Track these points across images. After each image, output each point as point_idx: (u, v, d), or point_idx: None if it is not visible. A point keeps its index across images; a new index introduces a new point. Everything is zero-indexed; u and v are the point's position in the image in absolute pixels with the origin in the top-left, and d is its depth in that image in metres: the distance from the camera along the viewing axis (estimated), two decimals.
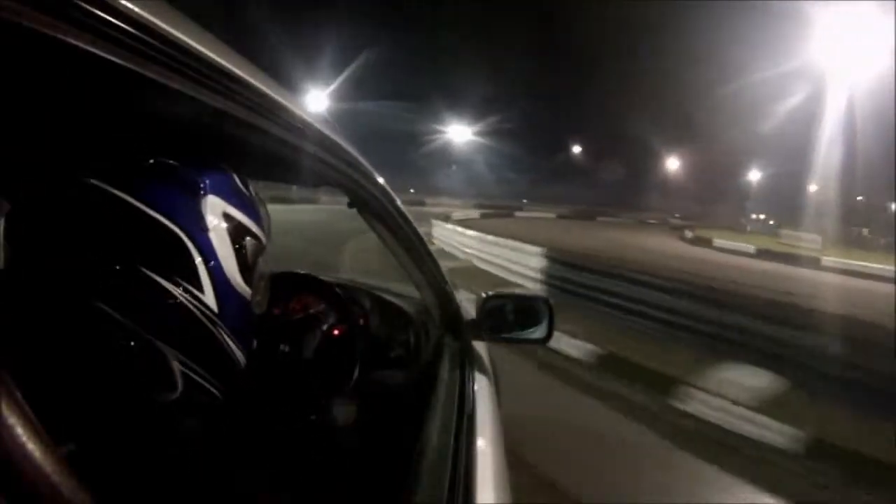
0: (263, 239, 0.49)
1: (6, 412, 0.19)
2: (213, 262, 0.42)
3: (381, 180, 0.74)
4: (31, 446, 0.19)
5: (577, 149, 44.36)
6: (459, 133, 35.86)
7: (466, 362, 1.08)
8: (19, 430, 0.19)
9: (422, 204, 20.89)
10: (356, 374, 0.96)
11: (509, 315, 1.14)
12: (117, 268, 0.38)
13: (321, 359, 0.98)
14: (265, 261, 0.50)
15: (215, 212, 0.43)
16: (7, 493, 0.18)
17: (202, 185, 0.43)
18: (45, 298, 0.36)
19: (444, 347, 1.09)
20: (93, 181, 0.38)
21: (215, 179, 0.45)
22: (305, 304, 1.04)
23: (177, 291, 0.40)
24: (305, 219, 10.97)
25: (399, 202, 0.83)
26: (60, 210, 0.38)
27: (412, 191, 27.65)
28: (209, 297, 0.42)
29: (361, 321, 1.05)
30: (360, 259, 6.40)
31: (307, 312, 1.04)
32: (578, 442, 2.50)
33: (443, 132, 36.13)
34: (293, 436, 0.87)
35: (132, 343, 0.38)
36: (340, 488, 0.76)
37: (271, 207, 0.54)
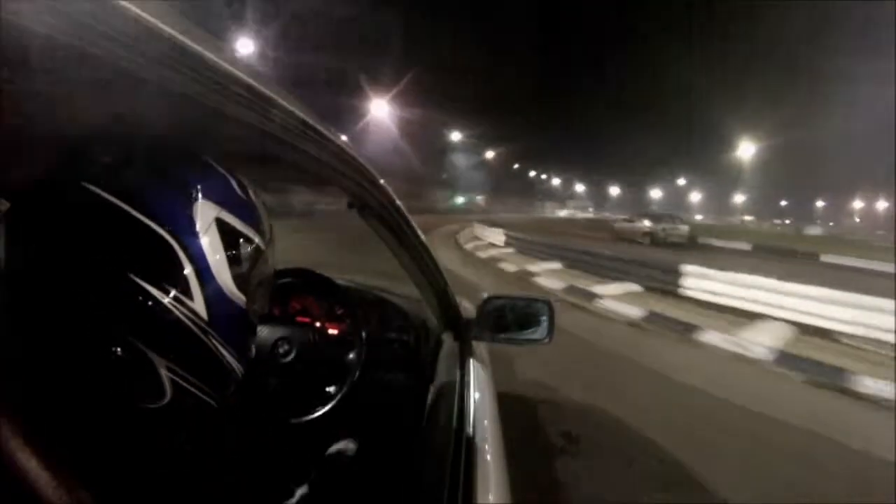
0: (262, 245, 0.48)
1: (5, 413, 0.19)
2: (203, 269, 0.41)
3: (381, 181, 0.74)
4: (31, 449, 0.19)
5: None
6: None
7: (466, 362, 1.08)
8: (17, 432, 0.19)
9: None
10: (356, 373, 0.96)
11: (509, 315, 1.14)
12: (105, 272, 0.37)
13: (321, 358, 0.98)
14: (266, 266, 0.49)
15: (207, 217, 0.42)
16: (7, 493, 0.18)
17: (194, 189, 0.42)
18: (35, 302, 0.36)
19: (443, 347, 1.09)
20: (81, 183, 0.38)
21: (209, 183, 0.43)
22: (305, 303, 1.04)
23: (165, 298, 0.39)
24: None
25: (400, 203, 0.83)
26: (50, 212, 0.38)
27: None
28: (199, 305, 0.41)
29: (361, 321, 1.05)
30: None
31: (307, 311, 1.04)
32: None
33: None
34: (292, 435, 0.87)
35: (119, 349, 0.38)
36: (341, 488, 0.76)
37: None
